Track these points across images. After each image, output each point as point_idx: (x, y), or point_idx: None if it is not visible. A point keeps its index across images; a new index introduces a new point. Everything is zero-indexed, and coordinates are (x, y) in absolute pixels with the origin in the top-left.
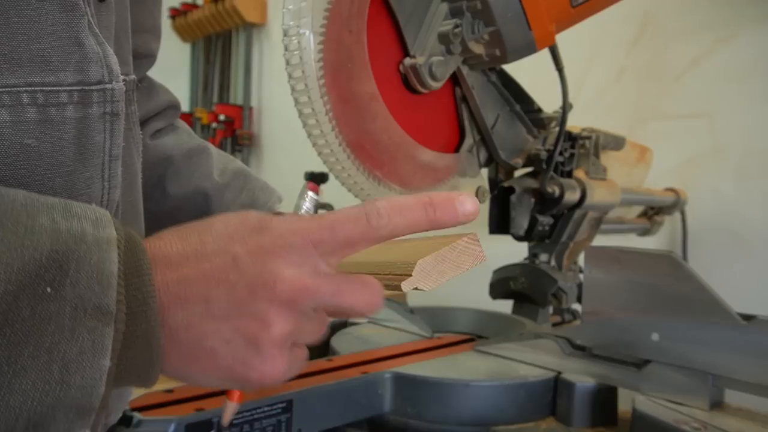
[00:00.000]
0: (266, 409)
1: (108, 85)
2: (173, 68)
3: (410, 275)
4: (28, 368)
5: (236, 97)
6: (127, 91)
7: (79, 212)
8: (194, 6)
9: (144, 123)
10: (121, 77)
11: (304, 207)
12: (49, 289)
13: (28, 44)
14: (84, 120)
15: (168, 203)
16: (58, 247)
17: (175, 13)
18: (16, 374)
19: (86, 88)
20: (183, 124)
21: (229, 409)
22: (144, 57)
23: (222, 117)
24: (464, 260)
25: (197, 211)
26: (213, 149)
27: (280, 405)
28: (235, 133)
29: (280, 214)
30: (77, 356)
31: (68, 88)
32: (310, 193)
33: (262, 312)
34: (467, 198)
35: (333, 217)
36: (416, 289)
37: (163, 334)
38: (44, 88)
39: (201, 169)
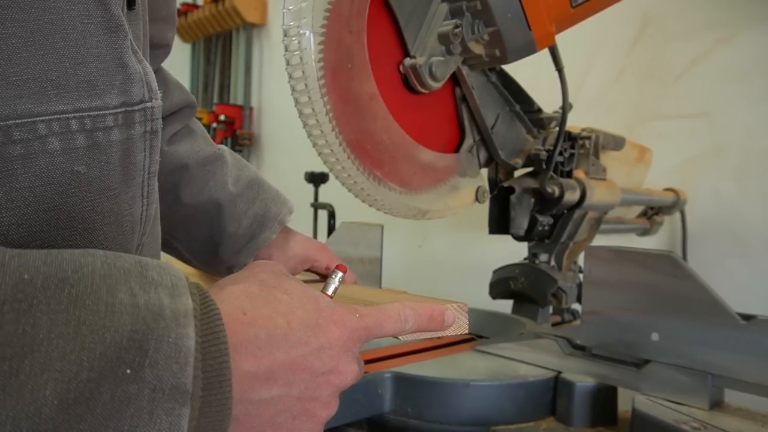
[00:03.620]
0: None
1: (149, 104)
2: (173, 68)
3: None
4: None
5: (236, 97)
6: None
7: (155, 279)
8: (194, 6)
9: None
10: (159, 93)
11: (333, 285)
12: (129, 371)
13: (75, 69)
14: (127, 141)
15: (180, 210)
16: (137, 327)
17: None
18: None
19: (129, 109)
20: (199, 126)
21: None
22: (159, 47)
23: (222, 117)
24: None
25: (209, 219)
26: (228, 156)
27: None
28: (236, 133)
29: (288, 230)
30: None
31: (113, 111)
32: (340, 274)
33: (328, 396)
34: (451, 314)
35: (382, 317)
36: (395, 336)
37: (242, 407)
38: (91, 113)
39: (215, 178)
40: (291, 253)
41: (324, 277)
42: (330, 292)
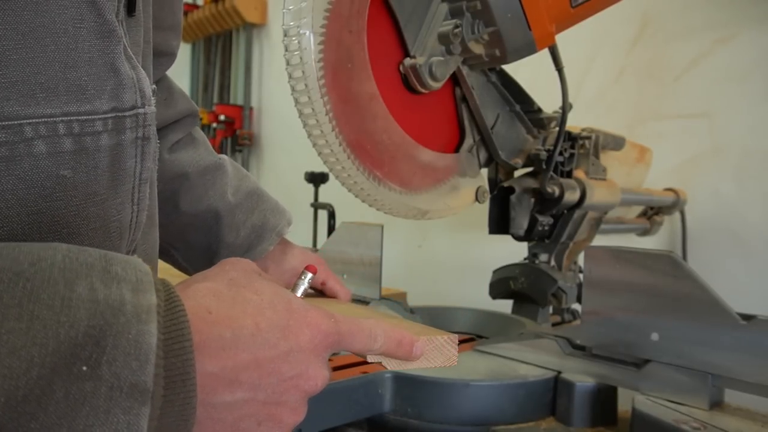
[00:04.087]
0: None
1: (141, 110)
2: (173, 68)
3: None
4: None
5: (236, 97)
6: None
7: (119, 273)
8: (194, 6)
9: (161, 131)
10: (153, 100)
11: (302, 287)
12: (84, 368)
13: (65, 73)
14: (117, 147)
15: (179, 218)
16: (95, 321)
17: None
18: None
19: (120, 114)
20: (201, 135)
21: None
22: (164, 55)
23: (222, 117)
24: (436, 357)
25: (207, 228)
26: (229, 166)
27: None
28: (236, 133)
29: (286, 242)
30: None
31: (103, 116)
32: (309, 275)
33: (295, 402)
34: (419, 348)
35: (356, 327)
36: (379, 363)
37: (204, 410)
38: (80, 117)
39: (215, 188)
40: (287, 266)
41: (319, 292)
42: (299, 293)
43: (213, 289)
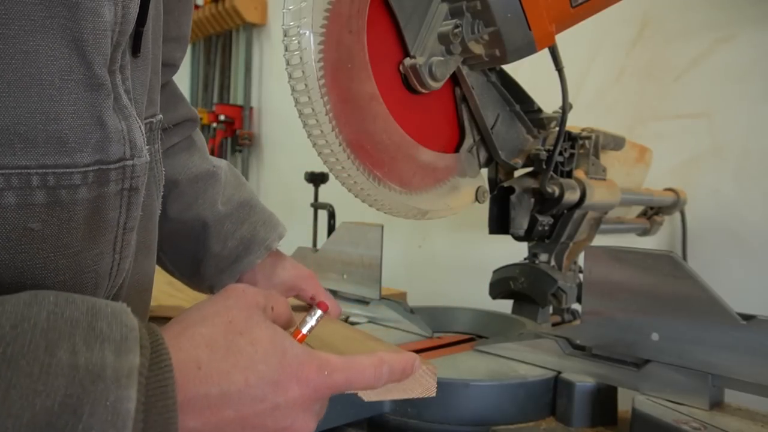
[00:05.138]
0: None
1: (129, 162)
2: None
3: None
4: None
5: (236, 97)
6: (153, 131)
7: (104, 331)
8: (194, 6)
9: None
10: (145, 150)
11: (310, 323)
12: None
13: (46, 125)
14: (98, 199)
15: (166, 224)
16: (72, 390)
17: None
18: None
19: (104, 167)
20: (200, 140)
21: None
22: (165, 65)
23: (222, 117)
24: (414, 387)
25: (194, 237)
26: (224, 174)
27: None
28: (236, 133)
29: (278, 255)
30: None
31: (83, 169)
32: (319, 313)
33: None
34: (419, 364)
35: (354, 375)
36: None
37: None
38: (56, 170)
39: (205, 196)
40: (277, 281)
41: (309, 306)
42: (305, 330)
43: (208, 337)
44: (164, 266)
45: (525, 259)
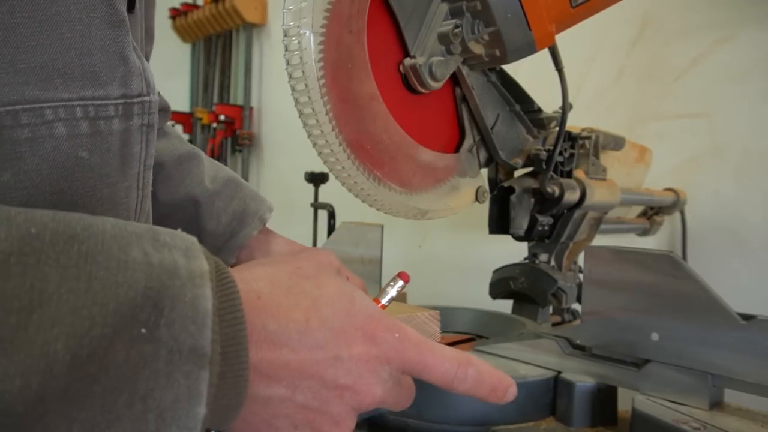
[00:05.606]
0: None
1: (146, 98)
2: (173, 68)
3: None
4: (122, 418)
5: (236, 97)
6: None
7: (168, 241)
8: (194, 6)
9: None
10: (156, 88)
11: (390, 294)
12: (143, 330)
13: (81, 59)
14: (126, 132)
15: (157, 209)
16: (152, 283)
17: (175, 14)
18: (110, 425)
19: (128, 101)
20: (172, 129)
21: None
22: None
23: (222, 117)
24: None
25: (187, 218)
26: (203, 156)
27: None
28: (235, 133)
29: (270, 232)
30: (172, 404)
31: (114, 101)
32: (401, 282)
33: (338, 414)
34: (514, 392)
35: (431, 359)
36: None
37: None
38: (95, 102)
39: (191, 176)
40: (273, 255)
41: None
42: (385, 301)
43: (271, 275)
44: None
45: (525, 259)
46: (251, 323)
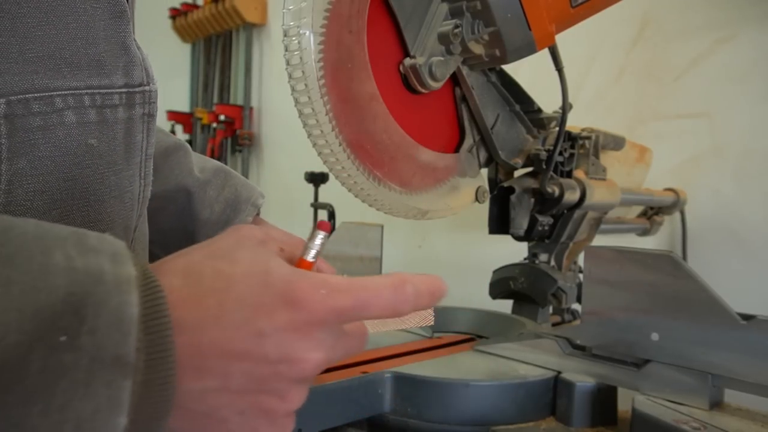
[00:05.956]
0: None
1: (147, 87)
2: (173, 68)
3: None
4: (37, 428)
5: (236, 97)
6: None
7: (95, 245)
8: (194, 6)
9: None
10: (156, 80)
11: (314, 249)
12: (63, 338)
13: (86, 48)
14: (129, 120)
15: (150, 203)
16: (74, 289)
17: (175, 14)
18: None
19: (131, 90)
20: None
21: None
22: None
23: (222, 117)
24: (412, 317)
25: (180, 209)
26: (189, 147)
27: None
28: (236, 133)
29: (262, 221)
30: (92, 414)
31: (118, 90)
32: (322, 233)
33: (281, 390)
34: (445, 285)
35: (366, 295)
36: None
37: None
38: (101, 91)
39: (180, 166)
40: None
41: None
42: (310, 257)
43: (184, 264)
44: (155, 257)
45: (525, 259)
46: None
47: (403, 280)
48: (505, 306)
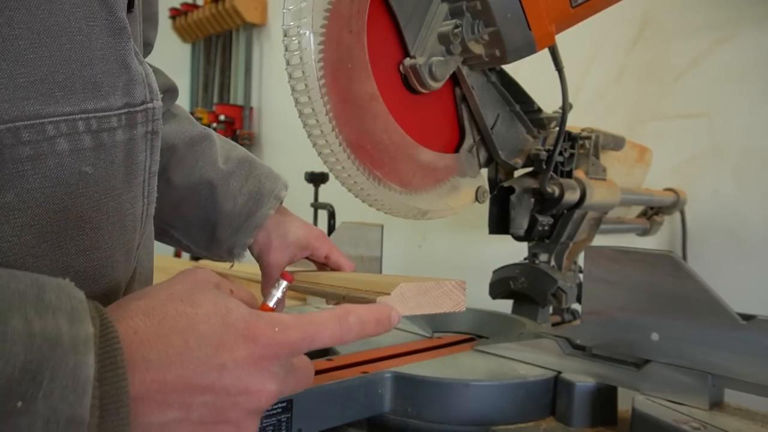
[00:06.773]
0: (266, 408)
1: (150, 105)
2: (173, 68)
3: (388, 294)
4: None
5: (236, 97)
6: None
7: (53, 302)
8: (194, 6)
9: None
10: (159, 93)
11: (276, 296)
12: (20, 404)
13: (81, 70)
14: (130, 141)
15: (172, 193)
16: (32, 356)
17: (175, 14)
18: None
19: (132, 110)
20: (182, 110)
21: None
22: (143, 45)
23: (222, 117)
24: (444, 302)
25: (202, 200)
26: (215, 136)
27: (281, 405)
28: (236, 133)
29: (286, 212)
30: None
31: (117, 112)
32: (285, 283)
33: (238, 419)
34: (397, 315)
35: (313, 329)
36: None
37: (134, 430)
38: (97, 114)
39: (205, 158)
40: (292, 239)
41: (322, 266)
42: (272, 303)
43: (145, 307)
44: (179, 243)
45: (525, 259)
46: (132, 358)
47: (347, 312)
48: (505, 306)
